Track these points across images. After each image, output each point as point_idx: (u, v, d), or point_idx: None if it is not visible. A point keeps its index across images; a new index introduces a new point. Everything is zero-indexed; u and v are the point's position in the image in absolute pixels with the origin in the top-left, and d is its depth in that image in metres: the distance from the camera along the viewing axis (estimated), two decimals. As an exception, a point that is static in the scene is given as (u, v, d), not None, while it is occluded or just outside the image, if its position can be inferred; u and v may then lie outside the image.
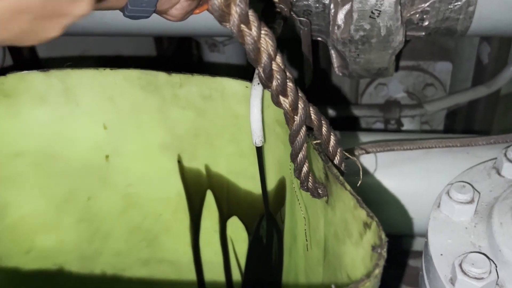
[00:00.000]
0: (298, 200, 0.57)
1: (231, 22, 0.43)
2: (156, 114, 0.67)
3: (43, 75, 0.65)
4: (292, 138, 0.48)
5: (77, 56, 1.25)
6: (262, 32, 0.44)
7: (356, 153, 0.71)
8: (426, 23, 0.79)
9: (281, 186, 0.64)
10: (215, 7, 0.42)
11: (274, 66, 0.45)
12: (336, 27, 0.78)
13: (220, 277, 0.74)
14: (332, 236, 0.49)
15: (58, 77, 0.66)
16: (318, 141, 0.50)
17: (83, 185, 0.70)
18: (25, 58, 1.24)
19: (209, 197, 0.71)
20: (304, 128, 0.48)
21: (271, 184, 0.66)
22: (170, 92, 0.65)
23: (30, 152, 0.67)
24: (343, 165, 0.50)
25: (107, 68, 0.65)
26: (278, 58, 0.45)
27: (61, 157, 0.68)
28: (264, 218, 0.68)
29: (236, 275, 0.75)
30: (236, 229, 0.72)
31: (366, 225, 0.42)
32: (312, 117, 0.49)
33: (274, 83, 0.45)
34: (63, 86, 0.66)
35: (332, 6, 0.74)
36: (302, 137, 0.48)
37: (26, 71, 0.66)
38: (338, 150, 0.50)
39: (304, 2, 0.76)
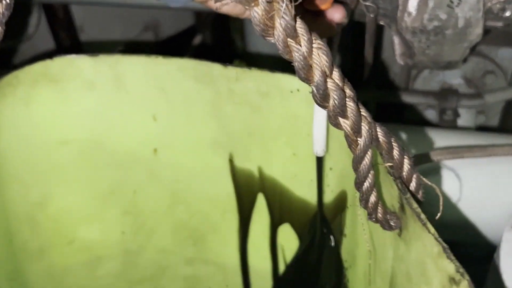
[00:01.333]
0: (363, 226, 0.50)
1: (275, 36, 0.36)
2: (209, 108, 0.60)
3: (92, 60, 0.60)
4: (355, 165, 0.41)
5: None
6: (314, 45, 0.36)
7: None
8: (507, 13, 0.70)
9: (341, 200, 0.58)
10: (255, 21, 0.35)
11: (329, 85, 0.38)
12: (406, 14, 0.69)
13: (267, 284, 0.69)
14: (403, 275, 0.43)
15: (107, 63, 0.60)
16: (390, 164, 0.43)
17: (130, 178, 0.65)
18: (60, 23, 1.18)
19: (261, 201, 0.65)
20: (370, 153, 0.40)
21: (329, 197, 0.60)
22: (225, 86, 0.59)
23: (76, 141, 0.62)
24: (420, 192, 0.43)
25: (160, 56, 0.59)
26: (335, 74, 0.38)
27: (108, 147, 0.63)
28: (318, 227, 0.61)
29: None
30: (288, 237, 0.66)
31: (453, 281, 0.35)
32: (380, 139, 0.41)
33: (331, 103, 0.38)
34: (112, 73, 0.60)
35: (403, -10, 0.65)
36: (368, 163, 0.40)
37: (74, 55, 0.60)
38: (414, 176, 0.43)
39: (371, -16, 0.68)
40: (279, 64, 0.49)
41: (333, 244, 0.60)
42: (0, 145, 0.58)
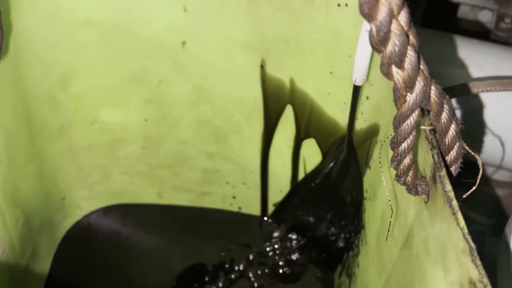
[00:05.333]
0: (384, 181, 0.44)
1: None
2: (244, 7, 0.52)
3: None
4: (397, 122, 0.34)
5: None
6: None
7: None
8: None
9: (373, 132, 0.52)
10: None
11: (393, 27, 0.30)
12: None
13: (286, 187, 0.66)
14: (421, 240, 0.39)
15: None
16: (432, 127, 0.36)
17: (155, 67, 0.59)
18: None
19: (289, 112, 0.59)
20: (416, 113, 0.34)
21: (361, 125, 0.54)
22: (266, -15, 0.50)
23: (99, 23, 0.56)
24: (458, 163, 0.37)
25: None
26: (403, 16, 0.30)
27: (133, 33, 0.56)
28: (344, 151, 0.56)
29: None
30: (312, 151, 0.61)
31: (473, 284, 0.31)
32: (432, 99, 0.34)
33: (389, 49, 0.31)
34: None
35: None
36: (412, 123, 0.34)
37: None
38: (456, 145, 0.36)
39: None
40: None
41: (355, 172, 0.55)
42: (20, 25, 0.52)
